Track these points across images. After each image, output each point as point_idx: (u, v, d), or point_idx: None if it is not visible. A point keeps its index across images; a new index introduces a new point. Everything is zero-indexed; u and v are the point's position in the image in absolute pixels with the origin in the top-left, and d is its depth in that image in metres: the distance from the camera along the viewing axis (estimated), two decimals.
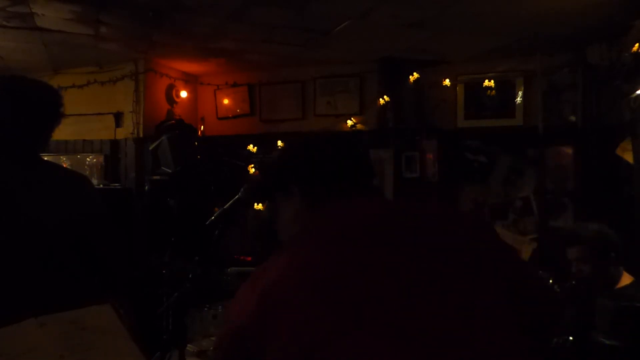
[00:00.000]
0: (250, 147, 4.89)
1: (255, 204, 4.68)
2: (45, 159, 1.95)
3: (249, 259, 4.41)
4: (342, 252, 1.00)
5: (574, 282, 2.33)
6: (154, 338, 2.91)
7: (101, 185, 4.51)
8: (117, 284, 1.92)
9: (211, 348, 0.93)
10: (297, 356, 0.89)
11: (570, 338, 2.02)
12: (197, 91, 5.19)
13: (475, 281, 1.01)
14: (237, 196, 2.84)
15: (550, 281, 2.25)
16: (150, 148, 4.41)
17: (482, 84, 4.31)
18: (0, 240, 1.67)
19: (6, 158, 1.78)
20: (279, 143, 4.82)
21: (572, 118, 4.12)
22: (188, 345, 2.51)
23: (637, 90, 3.29)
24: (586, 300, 2.17)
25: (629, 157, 3.51)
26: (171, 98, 4.81)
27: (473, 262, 1.03)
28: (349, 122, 4.60)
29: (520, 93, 4.28)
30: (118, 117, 4.66)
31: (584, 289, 2.27)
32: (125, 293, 1.88)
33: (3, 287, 1.65)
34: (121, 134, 4.66)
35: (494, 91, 4.30)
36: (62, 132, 1.99)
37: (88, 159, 4.65)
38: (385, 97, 4.43)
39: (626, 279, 2.42)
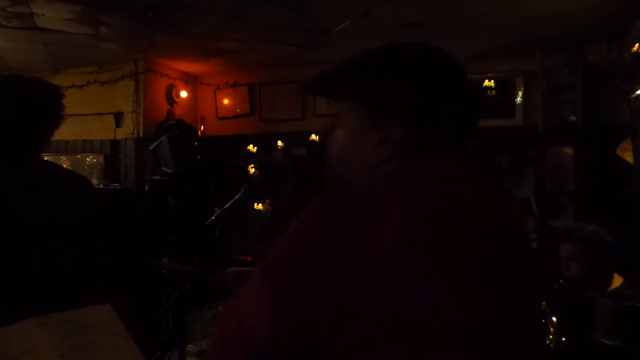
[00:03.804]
0: (250, 147, 4.90)
1: (256, 203, 4.68)
2: (46, 159, 1.95)
3: (249, 259, 4.41)
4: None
5: (562, 282, 2.33)
6: (154, 338, 2.92)
7: (101, 185, 4.51)
8: (117, 284, 1.91)
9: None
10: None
11: (563, 339, 2.02)
12: (197, 91, 5.19)
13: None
14: (237, 196, 2.85)
15: None
16: (150, 148, 4.41)
17: (482, 84, 4.31)
18: (2, 242, 1.68)
19: (5, 158, 1.78)
20: (279, 143, 4.83)
21: (572, 118, 4.13)
22: (188, 345, 2.51)
23: (637, 90, 3.29)
24: (577, 301, 2.16)
25: (629, 157, 3.51)
26: (171, 98, 4.81)
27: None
28: None
29: (520, 93, 4.28)
30: (118, 117, 4.67)
31: (572, 289, 2.26)
32: (125, 293, 1.88)
33: (2, 288, 1.66)
34: (121, 134, 4.66)
35: (494, 91, 4.30)
36: (62, 132, 1.99)
37: (88, 159, 4.65)
38: None
39: (616, 281, 2.42)
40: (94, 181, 4.54)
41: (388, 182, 0.82)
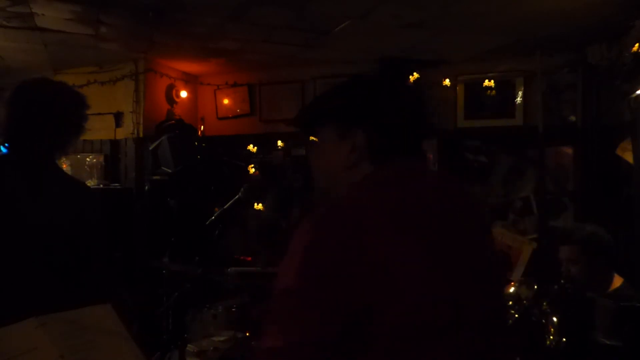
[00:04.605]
0: (250, 147, 4.89)
1: (255, 203, 4.68)
2: (57, 164, 1.97)
3: (249, 259, 4.41)
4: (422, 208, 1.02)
5: (562, 282, 2.33)
6: (154, 338, 2.92)
7: (101, 185, 4.50)
8: (117, 285, 1.92)
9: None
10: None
11: (564, 339, 2.02)
12: (197, 91, 5.19)
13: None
14: (237, 196, 2.85)
15: (535, 287, 2.24)
16: (150, 148, 4.41)
17: (482, 84, 4.31)
18: (3, 243, 1.69)
19: (16, 161, 1.79)
20: (279, 143, 4.82)
21: (572, 118, 4.13)
22: (188, 345, 2.51)
23: (637, 90, 3.29)
24: (577, 301, 2.17)
25: (629, 157, 3.51)
26: (171, 98, 4.81)
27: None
28: None
29: (520, 93, 4.28)
30: (118, 117, 4.66)
31: (572, 289, 2.27)
32: (124, 293, 1.89)
33: (5, 289, 1.66)
34: (121, 134, 4.66)
35: (494, 91, 4.30)
36: None
37: (88, 159, 4.65)
38: None
39: (617, 281, 2.42)
40: (94, 181, 4.54)
41: (364, 187, 1.04)
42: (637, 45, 3.20)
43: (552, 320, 2.05)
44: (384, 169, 1.06)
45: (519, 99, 4.28)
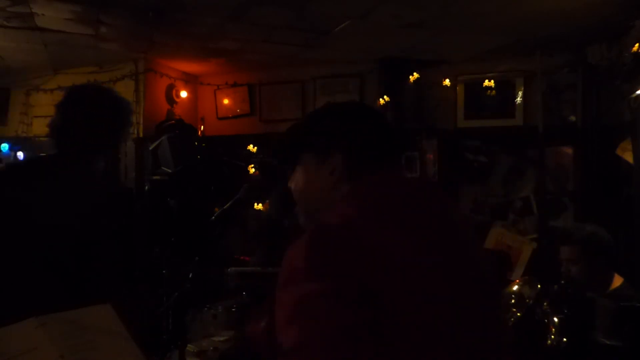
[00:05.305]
0: (250, 147, 4.89)
1: (256, 203, 4.68)
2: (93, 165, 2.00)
3: (249, 259, 4.40)
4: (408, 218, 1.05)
5: (562, 282, 2.33)
6: (154, 338, 2.92)
7: None
8: (117, 285, 1.93)
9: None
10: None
11: (565, 339, 2.02)
12: (197, 91, 5.19)
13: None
14: (237, 196, 2.85)
15: (539, 286, 2.23)
16: (150, 148, 4.40)
17: (482, 84, 4.31)
18: (7, 242, 1.70)
19: (48, 162, 1.83)
20: None
21: (572, 118, 4.13)
22: (188, 345, 2.51)
23: (637, 90, 3.29)
24: (577, 301, 2.17)
25: (629, 157, 3.51)
26: (171, 98, 4.81)
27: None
28: None
29: (520, 93, 4.28)
30: None
31: (572, 289, 2.27)
32: (124, 293, 1.89)
33: (5, 289, 1.67)
34: None
35: (494, 91, 4.30)
36: None
37: None
38: (385, 97, 4.44)
39: (617, 281, 2.42)
40: None
41: (355, 196, 1.09)
42: (637, 45, 3.20)
43: (553, 320, 2.05)
44: (368, 179, 1.12)
45: (519, 99, 4.28)
